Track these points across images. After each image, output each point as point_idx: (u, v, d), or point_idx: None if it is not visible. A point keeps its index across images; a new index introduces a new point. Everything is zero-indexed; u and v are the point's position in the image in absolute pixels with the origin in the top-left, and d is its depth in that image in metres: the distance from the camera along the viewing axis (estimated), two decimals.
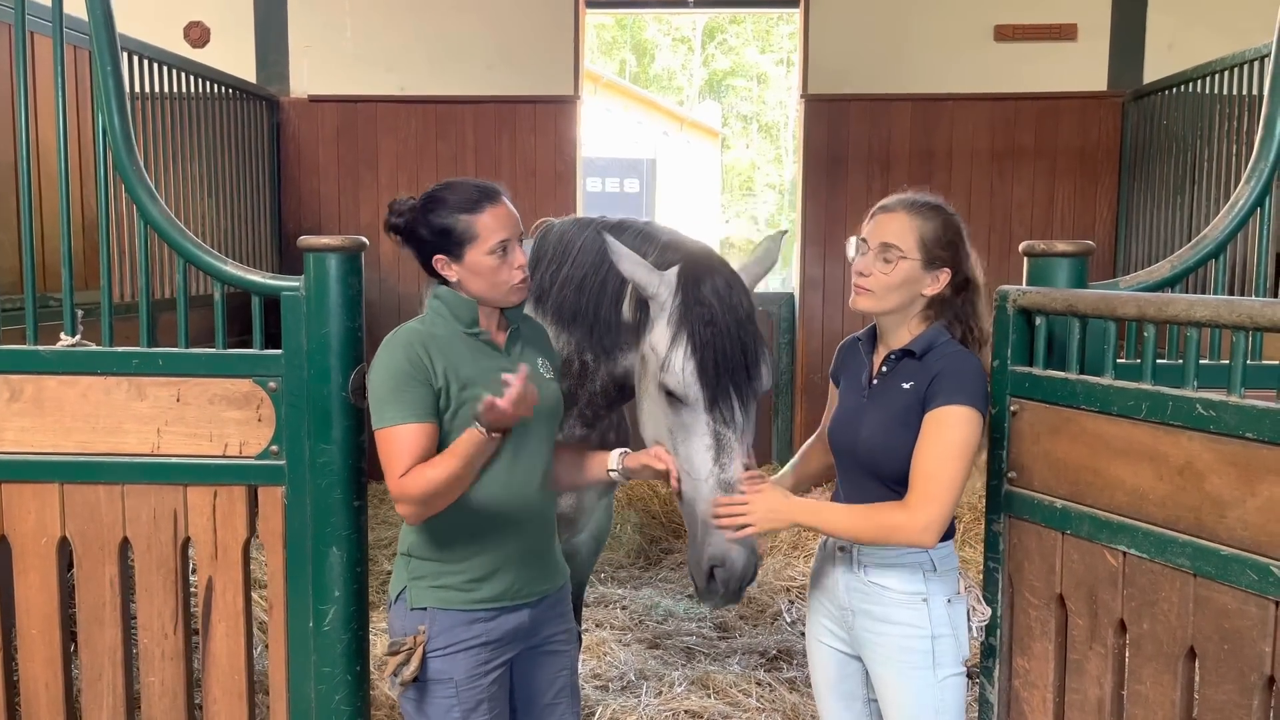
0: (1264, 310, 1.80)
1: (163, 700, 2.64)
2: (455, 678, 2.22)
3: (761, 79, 27.63)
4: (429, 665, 2.22)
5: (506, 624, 2.27)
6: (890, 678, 2.22)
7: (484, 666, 2.25)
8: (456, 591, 2.24)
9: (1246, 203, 2.62)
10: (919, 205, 2.20)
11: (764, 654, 4.31)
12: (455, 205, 2.23)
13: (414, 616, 2.24)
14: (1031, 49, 6.37)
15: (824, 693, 2.41)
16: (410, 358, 2.16)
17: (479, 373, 2.21)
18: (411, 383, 2.15)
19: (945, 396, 2.10)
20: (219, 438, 2.56)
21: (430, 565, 2.26)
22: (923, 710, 2.19)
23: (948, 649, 2.19)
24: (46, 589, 2.61)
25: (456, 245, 2.22)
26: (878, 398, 2.23)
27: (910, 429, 2.14)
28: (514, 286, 2.26)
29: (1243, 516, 1.81)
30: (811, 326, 6.55)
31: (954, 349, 2.18)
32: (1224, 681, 1.86)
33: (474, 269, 2.23)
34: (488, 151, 6.52)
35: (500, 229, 2.22)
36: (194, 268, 2.62)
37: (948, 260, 2.18)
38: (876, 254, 2.18)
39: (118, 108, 2.58)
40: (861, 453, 2.22)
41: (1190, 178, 5.52)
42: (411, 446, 2.12)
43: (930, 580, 2.19)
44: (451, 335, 2.24)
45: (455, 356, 2.21)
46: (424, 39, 6.58)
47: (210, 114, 5.70)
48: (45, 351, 2.58)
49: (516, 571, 2.28)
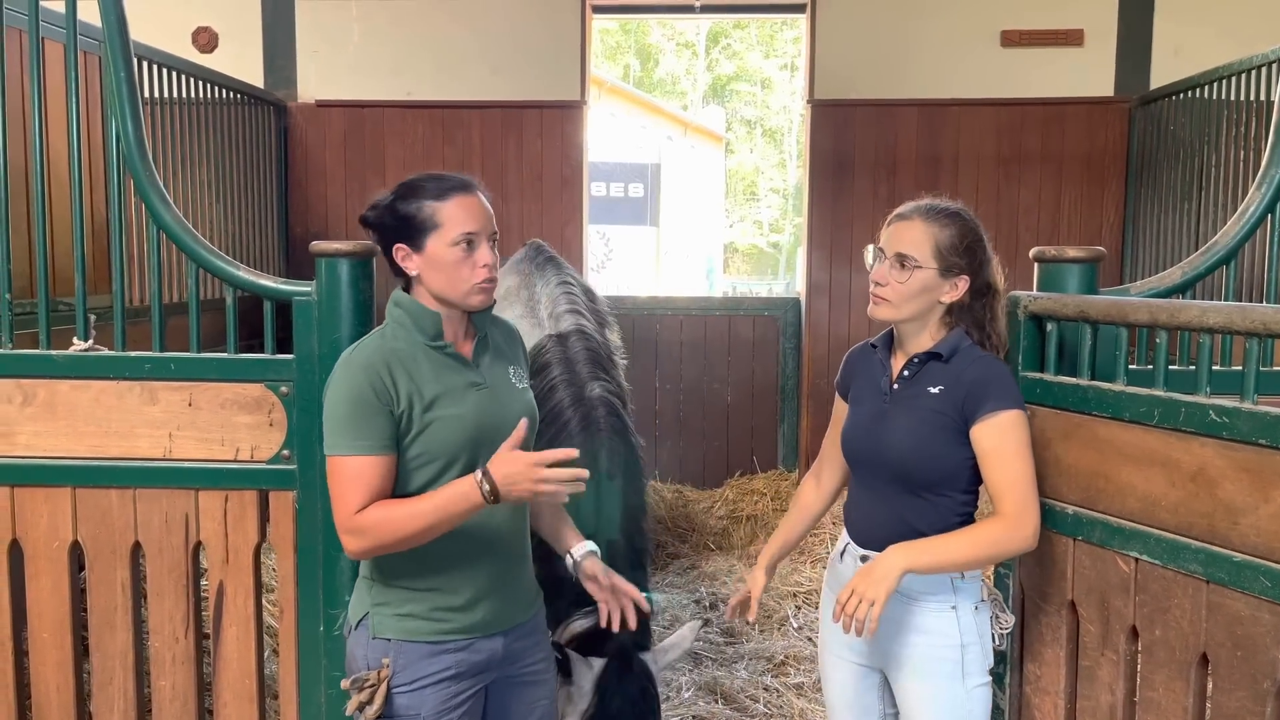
0: (1277, 317, 1.80)
1: (173, 704, 2.64)
2: (422, 714, 2.06)
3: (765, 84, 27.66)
4: (393, 701, 2.06)
5: (477, 655, 2.12)
6: (917, 688, 2.18)
7: (454, 699, 2.08)
8: (423, 621, 2.08)
9: (1258, 209, 2.63)
10: (935, 212, 2.19)
11: (771, 659, 4.31)
12: (425, 192, 2.08)
13: (376, 647, 2.08)
14: (1038, 54, 6.37)
15: (839, 709, 2.36)
16: (372, 382, 2.00)
17: (444, 390, 2.06)
18: (371, 411, 1.99)
19: (996, 402, 2.09)
20: (230, 442, 2.56)
21: (394, 592, 2.09)
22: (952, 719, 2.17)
23: (975, 658, 2.17)
24: (58, 593, 2.62)
25: (418, 233, 2.06)
26: (903, 402, 2.20)
27: (942, 433, 2.13)
28: (476, 286, 2.07)
29: (1256, 523, 1.81)
30: (818, 331, 6.54)
31: (980, 353, 2.17)
32: (1236, 688, 1.85)
33: (434, 261, 2.06)
34: (494, 156, 6.53)
35: (466, 220, 2.06)
36: (205, 272, 2.63)
37: (965, 267, 2.17)
38: (893, 263, 2.17)
39: (131, 112, 2.59)
40: (890, 459, 2.18)
41: (1197, 184, 5.51)
42: (368, 480, 1.98)
43: (958, 588, 2.17)
44: (413, 349, 2.07)
45: (418, 374, 2.05)
46: (430, 44, 6.59)
47: (218, 119, 5.71)
48: (58, 356, 2.59)
49: (489, 600, 2.13)
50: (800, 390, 6.67)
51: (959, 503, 2.17)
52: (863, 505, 2.26)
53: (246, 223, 6.05)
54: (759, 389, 6.78)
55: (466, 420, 2.06)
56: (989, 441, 2.10)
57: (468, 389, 2.10)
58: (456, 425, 2.05)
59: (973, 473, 2.17)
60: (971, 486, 2.19)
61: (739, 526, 6.10)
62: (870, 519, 2.16)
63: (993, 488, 2.11)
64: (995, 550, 2.12)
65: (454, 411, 2.05)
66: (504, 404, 2.14)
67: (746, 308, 7.08)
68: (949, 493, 2.16)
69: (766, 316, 6.83)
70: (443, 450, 2.05)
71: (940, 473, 2.15)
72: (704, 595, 5.11)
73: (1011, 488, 2.09)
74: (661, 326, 6.78)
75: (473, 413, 2.08)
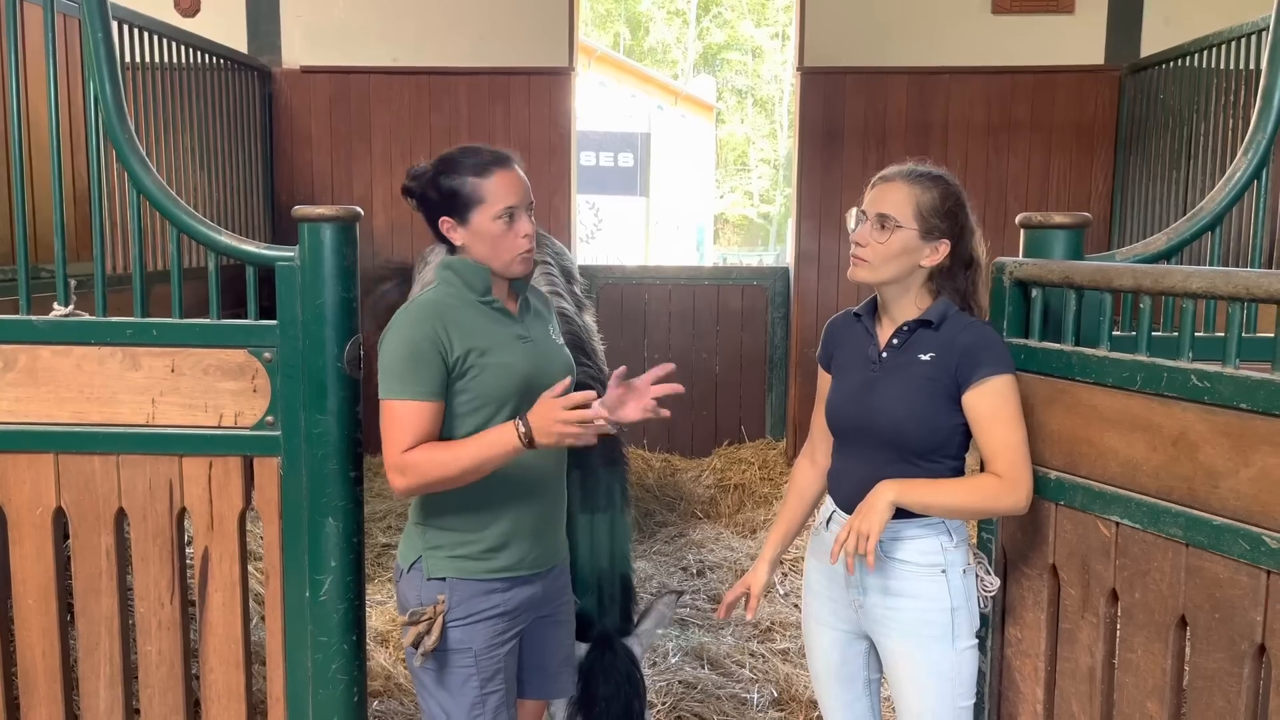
0: (1260, 281, 1.80)
1: (160, 669, 2.65)
2: (474, 647, 2.23)
3: (756, 53, 27.49)
4: (448, 635, 2.23)
5: (521, 594, 2.29)
6: (907, 651, 2.19)
7: (500, 636, 2.27)
8: (474, 561, 2.24)
9: (1243, 175, 2.62)
10: (918, 175, 2.19)
11: (757, 626, 4.34)
12: (466, 168, 2.22)
13: (431, 586, 2.24)
14: (1028, 22, 6.34)
15: (825, 677, 2.37)
16: (428, 334, 2.15)
17: (493, 341, 2.21)
18: (426, 360, 2.14)
19: (989, 367, 2.10)
20: (214, 408, 2.55)
21: (448, 535, 2.26)
22: (941, 682, 2.18)
23: (964, 620, 2.19)
24: (42, 559, 2.61)
25: (463, 207, 2.21)
26: (894, 370, 2.19)
27: (935, 400, 2.13)
28: (519, 256, 2.24)
29: (1235, 487, 1.82)
30: (806, 301, 6.54)
31: (969, 319, 2.18)
32: (1215, 650, 1.87)
33: (479, 233, 2.22)
34: (481, 124, 6.48)
35: (508, 194, 2.21)
36: (188, 238, 2.61)
37: (946, 231, 2.16)
38: (874, 224, 2.16)
39: (109, 74, 2.56)
40: (883, 426, 2.17)
41: (1186, 152, 5.51)
42: (417, 424, 2.13)
43: (948, 551, 2.18)
44: (464, 304, 2.23)
45: (469, 326, 2.20)
46: (416, 8, 6.52)
47: (202, 85, 5.65)
48: (39, 321, 2.57)
49: (531, 542, 2.29)
50: (788, 359, 6.68)
51: (947, 469, 2.18)
52: (851, 473, 2.25)
53: (232, 190, 6.00)
54: (747, 358, 6.79)
55: (515, 368, 2.22)
56: (984, 406, 2.11)
57: (516, 340, 2.25)
58: (506, 373, 2.20)
59: (963, 438, 2.18)
60: (960, 453, 2.20)
61: (726, 495, 6.13)
62: (860, 487, 2.15)
63: (987, 451, 2.13)
64: (987, 503, 2.14)
65: (504, 360, 2.20)
66: (549, 357, 2.31)
67: (735, 277, 7.08)
68: (939, 459, 2.17)
69: (755, 286, 6.83)
70: (494, 395, 2.19)
71: (932, 439, 2.15)
72: (691, 563, 5.14)
73: (1006, 448, 2.10)
74: (650, 296, 6.77)
75: (521, 362, 2.23)
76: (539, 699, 2.52)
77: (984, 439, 2.13)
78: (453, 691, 2.25)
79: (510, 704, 2.31)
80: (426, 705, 2.32)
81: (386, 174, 6.49)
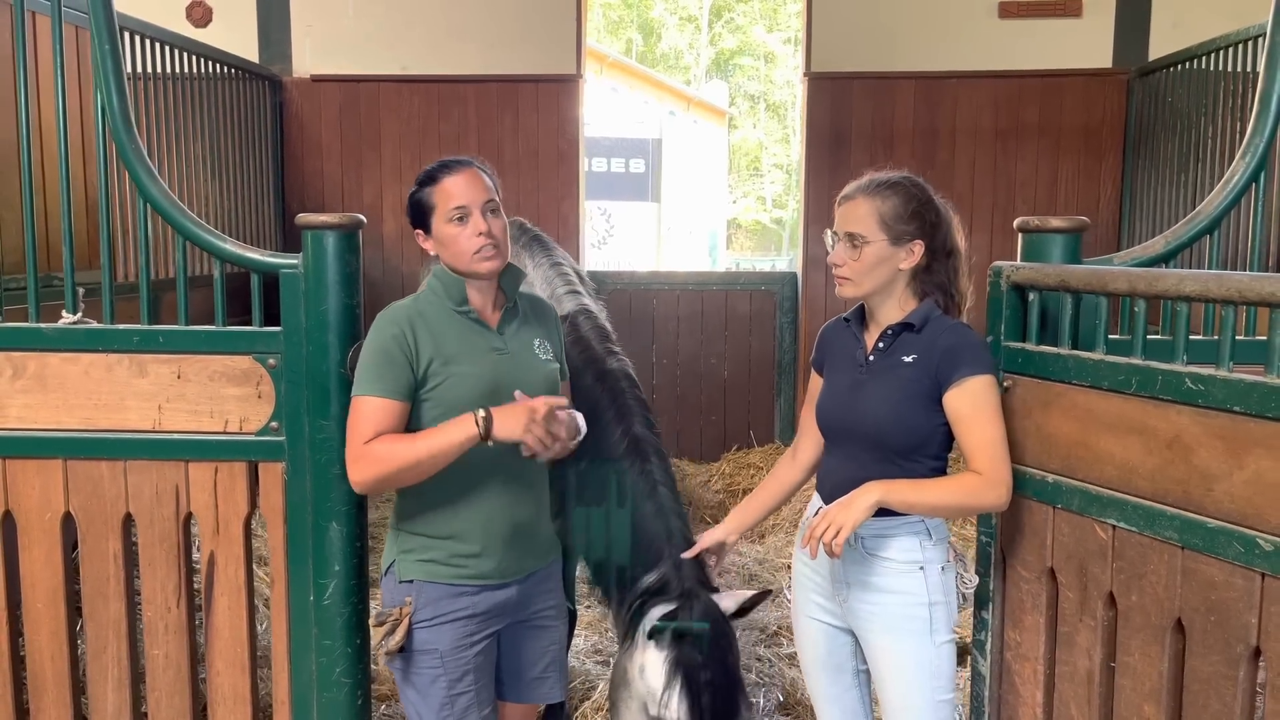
0: (1253, 284, 1.81)
1: (167, 673, 2.68)
2: (440, 649, 2.26)
3: (769, 58, 27.49)
4: (415, 636, 2.26)
5: (493, 598, 2.31)
6: (887, 645, 2.25)
7: (470, 638, 2.28)
8: (443, 565, 2.27)
9: (1241, 178, 2.62)
10: (875, 186, 2.24)
11: (764, 630, 4.34)
12: (421, 180, 2.29)
13: (401, 589, 2.29)
14: (1036, 26, 6.33)
15: (813, 667, 2.43)
16: (395, 336, 2.21)
17: (462, 350, 2.25)
18: (392, 360, 2.19)
19: (969, 368, 2.14)
20: (219, 414, 2.58)
21: (418, 539, 2.30)
22: (921, 675, 2.23)
23: (942, 616, 2.23)
24: (51, 564, 2.65)
25: (424, 217, 2.28)
26: (879, 373, 2.24)
27: (916, 400, 2.17)
28: (476, 254, 2.23)
29: (1230, 489, 1.83)
30: (815, 305, 6.55)
31: (950, 322, 2.23)
32: (1210, 653, 1.87)
33: (439, 238, 2.27)
34: (490, 131, 6.52)
35: (457, 195, 2.23)
36: (194, 246, 2.64)
37: (916, 232, 2.21)
38: (845, 244, 2.24)
39: (116, 86, 2.60)
40: (868, 427, 2.22)
41: (1195, 155, 5.50)
42: (378, 419, 2.17)
43: (926, 549, 2.22)
44: (441, 313, 2.28)
45: (441, 335, 2.24)
46: (425, 18, 6.56)
47: (213, 94, 5.70)
48: (47, 329, 2.61)
49: (505, 549, 2.31)
50: (797, 364, 6.68)
51: (929, 468, 2.22)
52: (838, 472, 2.31)
53: (242, 199, 6.05)
54: (756, 363, 6.79)
55: (482, 379, 2.24)
56: (964, 405, 2.15)
57: (488, 352, 2.28)
58: (471, 382, 2.23)
59: (944, 438, 2.22)
60: (942, 452, 2.24)
61: (735, 500, 6.12)
62: (846, 485, 2.19)
63: (967, 449, 2.17)
64: (969, 500, 2.17)
65: (470, 370, 2.23)
66: (523, 370, 2.31)
67: (744, 283, 7.09)
68: (921, 458, 2.21)
69: (764, 291, 6.83)
70: (459, 405, 2.18)
71: (915, 439, 2.19)
72: None
73: (986, 446, 2.14)
74: (659, 302, 6.78)
75: (489, 373, 2.25)
76: (521, 703, 2.50)
77: (964, 437, 2.17)
78: (422, 691, 2.29)
79: (483, 704, 2.32)
80: (404, 703, 2.37)
81: (396, 182, 6.53)
